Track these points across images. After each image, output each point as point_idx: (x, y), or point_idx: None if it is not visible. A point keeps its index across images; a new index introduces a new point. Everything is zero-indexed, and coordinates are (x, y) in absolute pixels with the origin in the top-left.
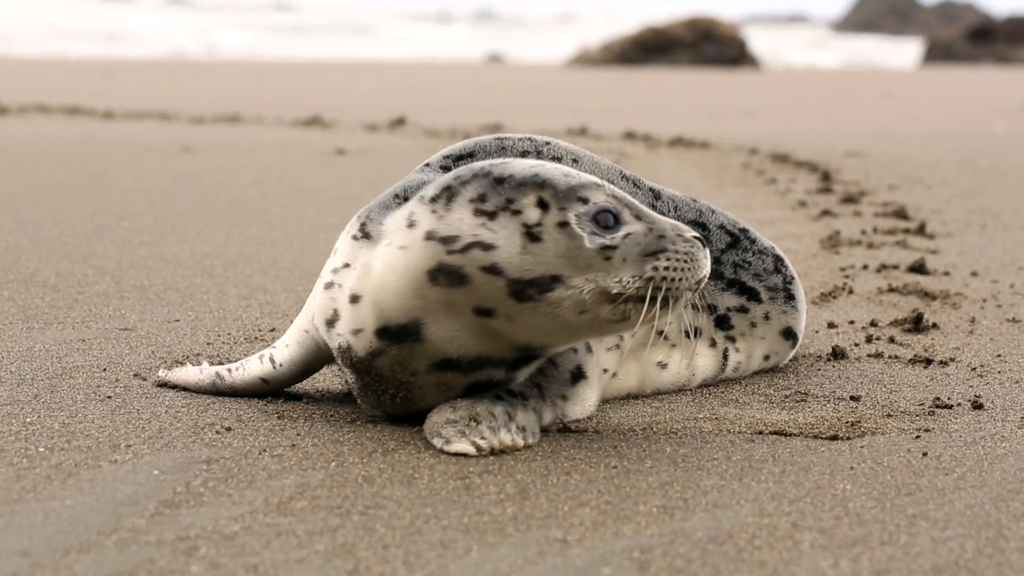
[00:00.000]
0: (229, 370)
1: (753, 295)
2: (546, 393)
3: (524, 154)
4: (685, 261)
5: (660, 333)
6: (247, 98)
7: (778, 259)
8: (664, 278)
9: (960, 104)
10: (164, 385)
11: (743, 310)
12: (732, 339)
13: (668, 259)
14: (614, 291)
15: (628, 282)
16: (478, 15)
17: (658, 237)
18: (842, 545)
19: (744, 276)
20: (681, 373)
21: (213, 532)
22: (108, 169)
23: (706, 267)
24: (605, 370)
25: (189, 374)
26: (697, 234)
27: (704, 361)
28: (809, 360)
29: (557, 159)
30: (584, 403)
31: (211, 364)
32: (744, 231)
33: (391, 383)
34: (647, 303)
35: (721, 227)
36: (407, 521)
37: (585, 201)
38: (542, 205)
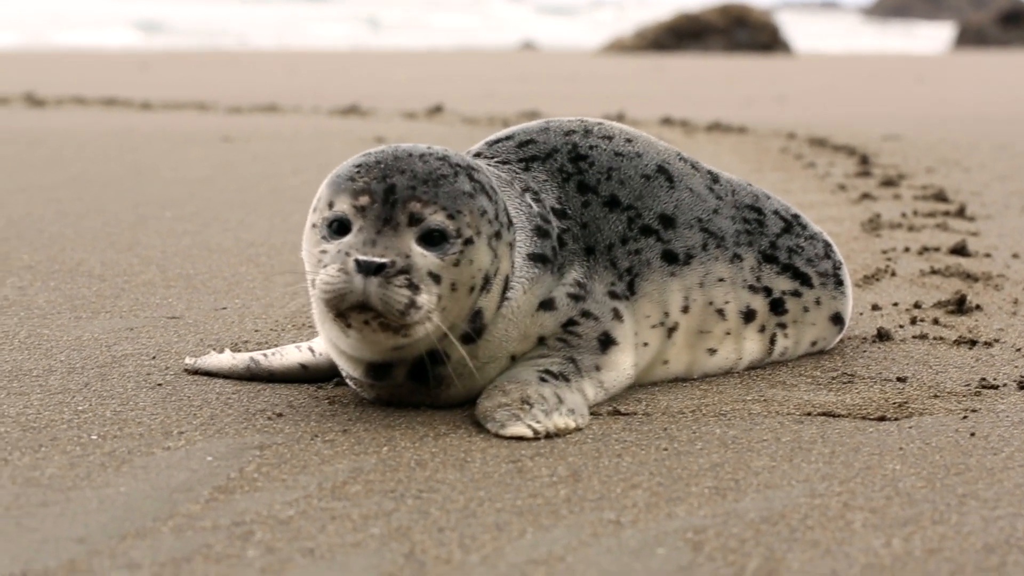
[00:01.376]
0: (265, 355)
1: (805, 280)
2: (581, 365)
3: (569, 133)
4: (330, 280)
5: (719, 312)
6: (282, 88)
7: (827, 244)
8: (321, 289)
9: (994, 87)
10: (195, 372)
11: (796, 294)
12: (783, 325)
13: (325, 274)
14: (312, 292)
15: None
16: (511, 1)
17: (337, 252)
18: (893, 524)
19: (797, 261)
20: (728, 357)
21: (268, 517)
22: (148, 159)
23: (363, 292)
24: (646, 344)
25: (220, 360)
26: (373, 261)
27: (752, 345)
28: (855, 342)
29: (608, 138)
30: (619, 369)
31: (232, 351)
32: (796, 216)
33: None
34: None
35: (775, 212)
36: (461, 504)
37: (331, 206)
38: (318, 206)
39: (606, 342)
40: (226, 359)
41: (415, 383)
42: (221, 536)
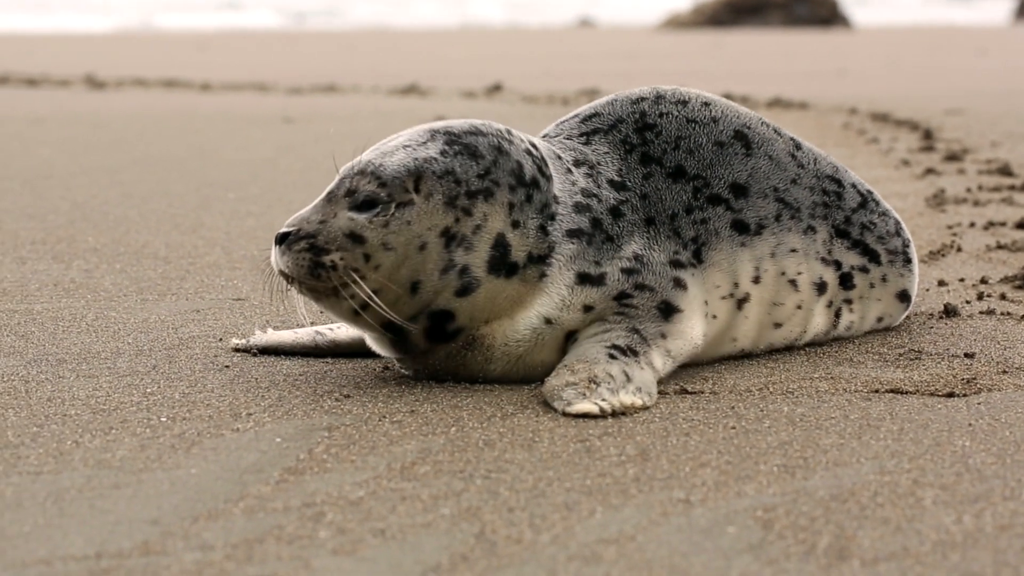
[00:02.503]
0: (330, 328)
1: (874, 257)
2: (645, 334)
3: (638, 101)
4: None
5: (792, 283)
6: (341, 68)
7: (898, 222)
8: None
9: None
10: (264, 351)
11: (864, 270)
12: (849, 300)
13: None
14: None
15: None
16: None
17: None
18: (964, 501)
19: (868, 238)
20: (793, 331)
21: (339, 498)
22: (210, 141)
23: (277, 263)
24: (715, 316)
25: (282, 336)
26: (281, 231)
27: (818, 319)
28: (921, 318)
29: (683, 103)
30: (685, 337)
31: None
32: (870, 192)
33: None
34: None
35: (853, 186)
36: (530, 484)
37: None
38: None
39: (667, 310)
40: (287, 334)
41: (434, 343)
42: (292, 517)
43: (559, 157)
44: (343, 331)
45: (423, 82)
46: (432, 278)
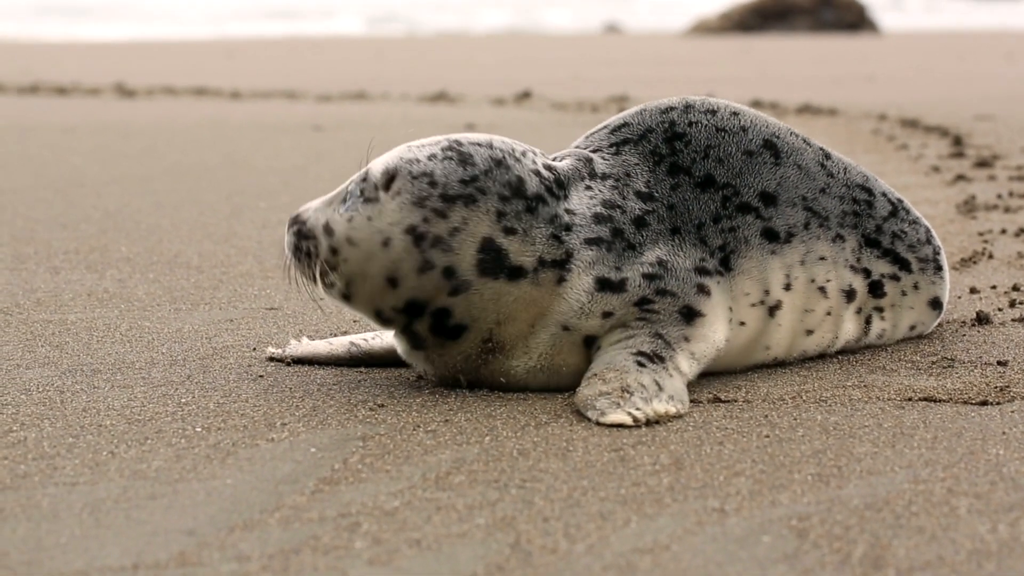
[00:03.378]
0: (365, 339)
1: (905, 265)
2: (669, 338)
3: (668, 111)
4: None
5: (821, 290)
6: (370, 75)
7: (928, 229)
8: None
9: None
10: (298, 361)
11: (895, 278)
12: (880, 308)
13: None
14: None
15: None
16: None
17: None
18: (999, 510)
19: (899, 247)
20: (825, 337)
21: (374, 508)
22: (240, 149)
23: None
24: (743, 323)
25: (316, 347)
26: (293, 216)
27: (849, 326)
28: (954, 325)
29: (711, 112)
30: (708, 340)
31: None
32: (900, 200)
33: None
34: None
35: (883, 194)
36: (565, 493)
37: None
38: None
39: (690, 314)
40: (322, 345)
41: (441, 338)
42: (328, 527)
43: (582, 176)
44: (378, 341)
45: (452, 89)
46: (409, 276)
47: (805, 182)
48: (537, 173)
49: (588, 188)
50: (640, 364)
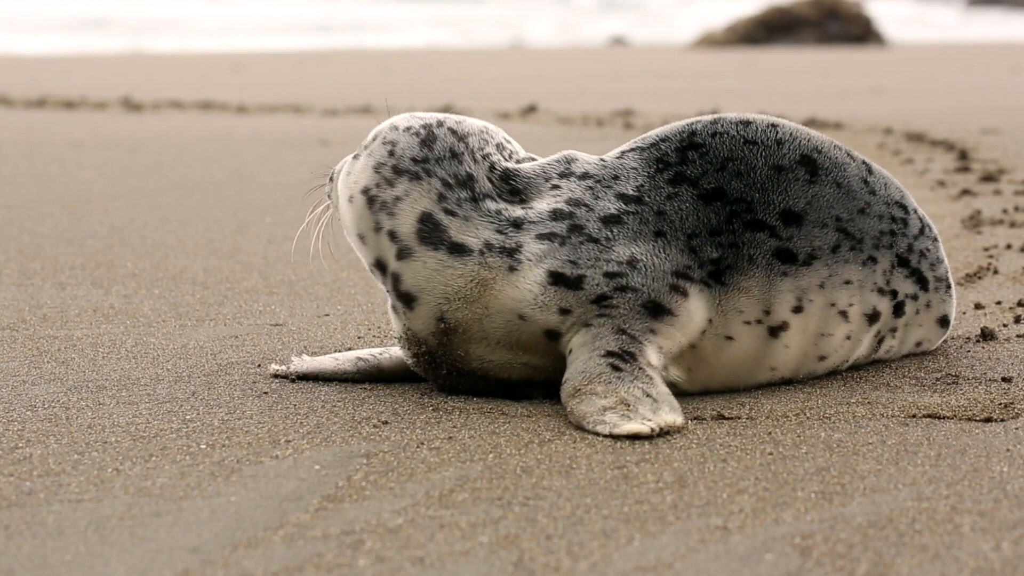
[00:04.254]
0: (373, 354)
1: (924, 284)
2: (634, 332)
3: (695, 122)
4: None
5: (842, 314)
6: (376, 88)
7: (939, 246)
8: None
9: None
10: (302, 377)
11: (915, 298)
12: (895, 328)
13: None
14: None
15: None
16: None
17: None
18: (1003, 528)
19: (923, 265)
20: (838, 360)
21: (377, 526)
22: (247, 164)
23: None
24: (729, 337)
25: (322, 362)
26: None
27: (863, 347)
28: (958, 342)
29: (745, 123)
30: (674, 340)
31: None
32: (923, 217)
33: None
34: None
35: (915, 211)
36: (568, 511)
37: None
38: None
39: (657, 310)
40: (328, 360)
41: (401, 304)
42: (332, 545)
43: (548, 177)
44: (387, 356)
45: (458, 103)
46: (369, 234)
47: (843, 201)
48: (490, 179)
49: (555, 187)
50: (616, 368)
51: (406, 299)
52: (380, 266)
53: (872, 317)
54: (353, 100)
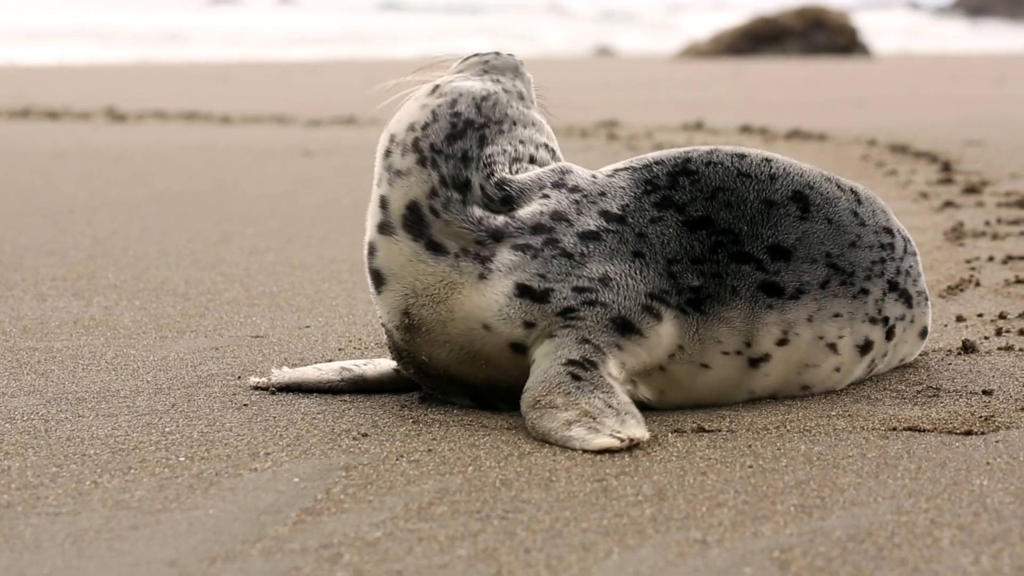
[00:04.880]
0: (356, 364)
1: (909, 301)
2: (598, 343)
3: (690, 151)
4: None
5: (831, 346)
6: (361, 99)
7: (918, 259)
8: None
9: None
10: (282, 388)
11: (903, 318)
12: (886, 353)
13: None
14: None
15: None
16: (584, 8)
17: None
18: (982, 541)
19: (908, 283)
20: (823, 387)
21: (356, 539)
22: (230, 175)
23: None
24: (706, 366)
25: (305, 373)
26: None
27: (855, 374)
28: (939, 354)
29: (740, 156)
30: (640, 359)
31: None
32: (905, 234)
33: None
34: None
35: (899, 231)
36: (547, 524)
37: None
38: None
39: (626, 327)
40: (311, 371)
41: (373, 281)
42: (309, 559)
43: (542, 185)
44: (371, 367)
45: None
46: (375, 180)
47: (833, 237)
48: (483, 188)
49: (545, 197)
50: (575, 377)
51: (376, 277)
52: (370, 220)
53: (865, 347)
54: (337, 111)
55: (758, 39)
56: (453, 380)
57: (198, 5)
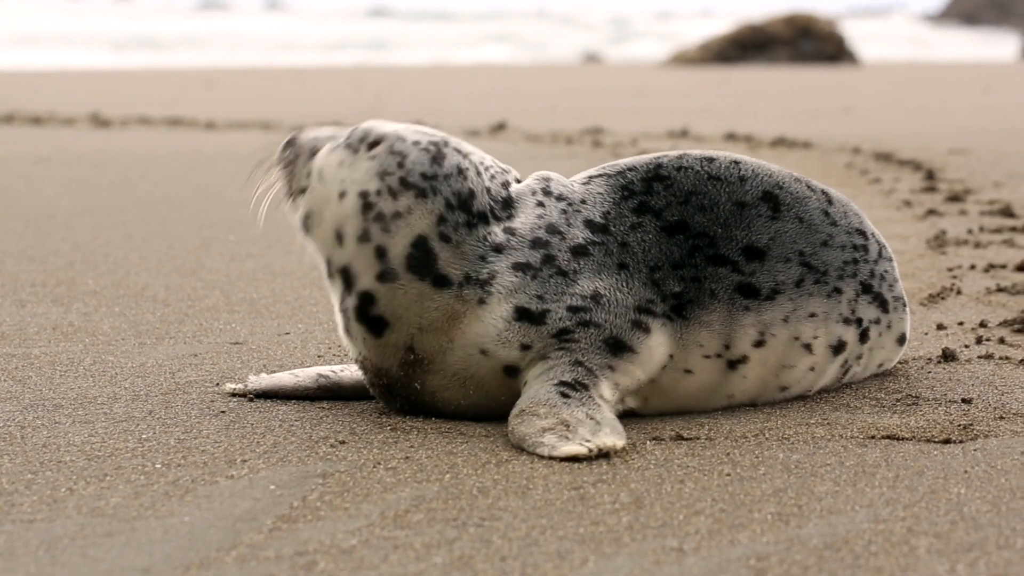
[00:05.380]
0: (333, 371)
1: (885, 306)
2: (590, 366)
3: (661, 156)
4: None
5: (806, 347)
6: (346, 105)
7: (894, 265)
8: None
9: None
10: (260, 395)
11: (878, 322)
12: (860, 356)
13: None
14: None
15: None
16: (574, 14)
17: None
18: (958, 550)
19: (883, 288)
20: (800, 390)
21: (331, 547)
22: (213, 180)
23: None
24: (689, 371)
25: (282, 379)
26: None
27: (828, 376)
28: (919, 362)
29: (708, 160)
30: (633, 376)
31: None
32: (879, 238)
33: None
34: None
35: (873, 235)
36: (523, 532)
37: None
38: None
39: (618, 347)
40: (287, 377)
41: (363, 327)
42: (284, 566)
43: (534, 191)
44: (347, 373)
45: (428, 120)
46: (351, 238)
47: (805, 236)
48: (489, 191)
49: (540, 204)
50: (564, 395)
51: (376, 324)
52: (347, 277)
53: (838, 348)
54: (324, 117)
55: (746, 47)
56: (437, 406)
57: (185, 11)
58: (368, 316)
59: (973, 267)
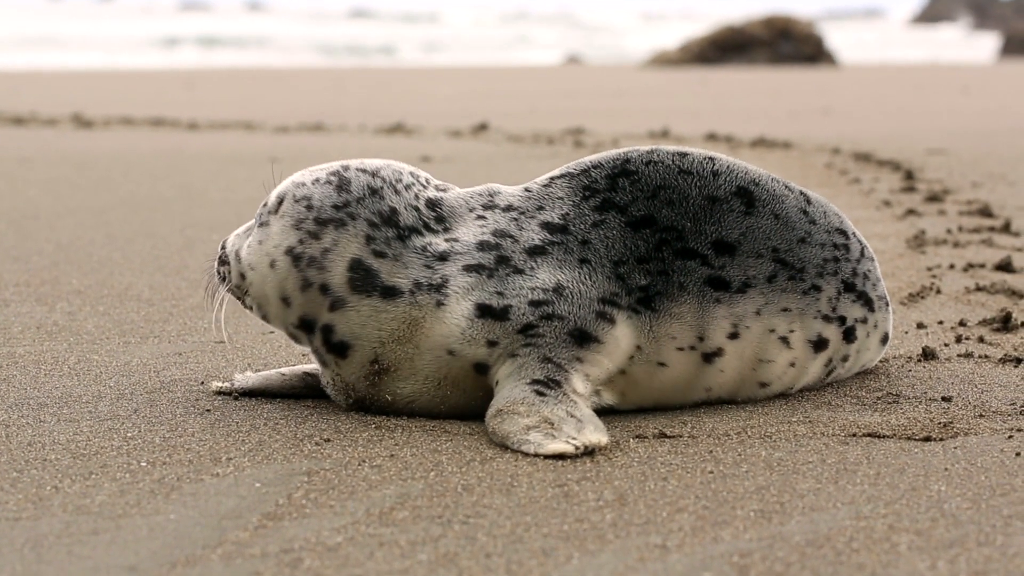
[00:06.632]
0: (319, 369)
1: (870, 305)
2: (559, 361)
3: (631, 151)
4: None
5: (783, 340)
6: (328, 106)
7: (876, 265)
8: None
9: None
10: (246, 393)
11: (864, 321)
12: (846, 356)
13: None
14: None
15: None
16: (554, 17)
17: None
18: (939, 547)
19: (867, 287)
20: (781, 387)
21: (317, 544)
22: (196, 181)
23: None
24: (663, 364)
25: (268, 377)
26: (222, 241)
27: (811, 374)
28: (899, 361)
29: (681, 155)
30: (602, 367)
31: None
32: (861, 238)
33: None
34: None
35: (854, 234)
36: (508, 529)
37: None
38: None
39: (583, 338)
40: (274, 375)
41: (334, 356)
42: (270, 564)
43: (471, 208)
44: None
45: (409, 121)
46: (295, 294)
47: (781, 232)
48: (415, 208)
49: (480, 218)
50: (540, 394)
51: (339, 348)
52: (306, 324)
53: (818, 344)
54: (305, 117)
55: (725, 48)
56: (415, 415)
57: (167, 12)
58: (332, 344)
59: (952, 266)
